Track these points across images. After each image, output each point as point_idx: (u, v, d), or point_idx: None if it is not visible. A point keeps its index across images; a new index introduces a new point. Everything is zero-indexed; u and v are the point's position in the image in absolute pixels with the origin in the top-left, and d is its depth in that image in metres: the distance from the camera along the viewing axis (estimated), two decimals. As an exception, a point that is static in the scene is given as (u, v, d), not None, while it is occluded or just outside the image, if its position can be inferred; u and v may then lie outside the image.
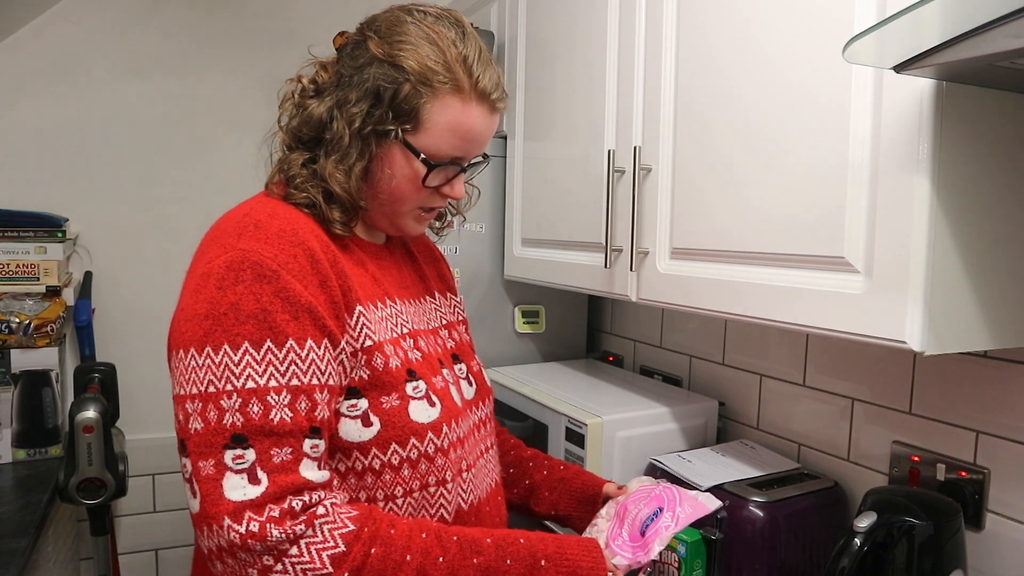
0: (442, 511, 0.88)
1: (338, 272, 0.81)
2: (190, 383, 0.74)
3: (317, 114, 0.85)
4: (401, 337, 0.89)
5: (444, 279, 1.09)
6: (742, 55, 1.03)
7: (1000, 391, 1.05)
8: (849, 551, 0.95)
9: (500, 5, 1.74)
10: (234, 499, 0.70)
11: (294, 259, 0.77)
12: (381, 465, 0.83)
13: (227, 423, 0.72)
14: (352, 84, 0.84)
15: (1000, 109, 0.84)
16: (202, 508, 0.71)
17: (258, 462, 0.72)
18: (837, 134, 0.89)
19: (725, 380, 1.54)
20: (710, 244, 1.10)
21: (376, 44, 0.83)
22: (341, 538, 0.72)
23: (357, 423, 0.81)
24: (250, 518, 0.70)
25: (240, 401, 0.72)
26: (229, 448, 0.71)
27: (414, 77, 0.82)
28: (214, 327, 0.74)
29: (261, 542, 0.69)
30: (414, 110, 0.83)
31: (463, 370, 0.99)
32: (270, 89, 0.96)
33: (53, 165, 1.93)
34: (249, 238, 0.78)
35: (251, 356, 0.73)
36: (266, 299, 0.74)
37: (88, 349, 1.88)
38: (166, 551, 2.09)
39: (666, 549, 1.15)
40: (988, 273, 0.85)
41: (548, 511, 1.10)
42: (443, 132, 0.84)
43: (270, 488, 0.71)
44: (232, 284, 0.75)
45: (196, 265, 0.80)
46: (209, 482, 0.71)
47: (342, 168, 0.84)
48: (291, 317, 0.75)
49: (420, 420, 0.85)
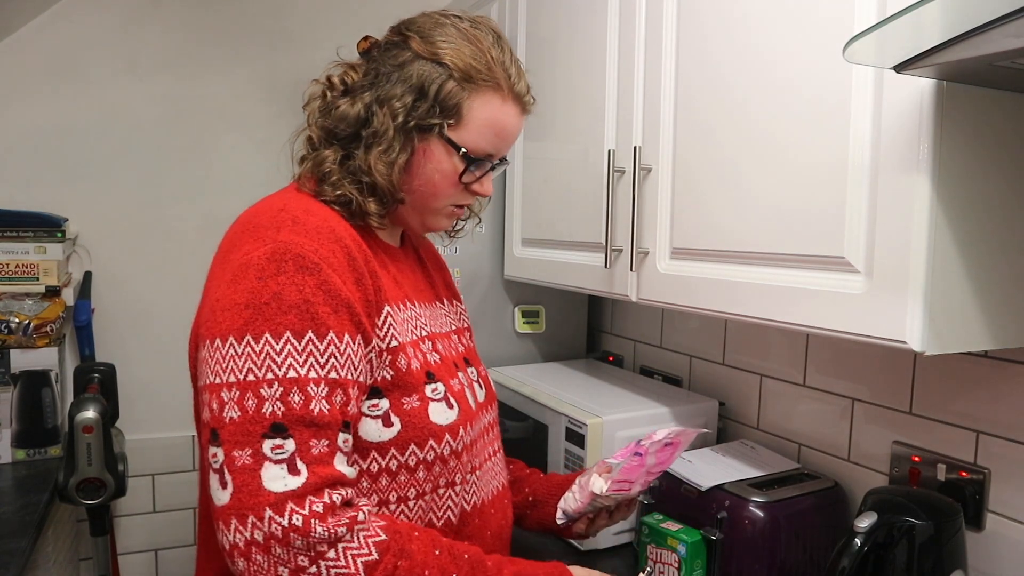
0: (448, 512, 0.88)
1: (371, 271, 0.82)
2: (227, 371, 0.73)
3: (354, 111, 0.86)
4: (420, 340, 0.90)
5: (449, 287, 1.11)
6: (742, 55, 1.03)
7: (1001, 391, 1.05)
8: (849, 551, 0.94)
9: (500, 5, 1.74)
10: (275, 490, 0.69)
11: (333, 254, 0.78)
12: (398, 466, 0.83)
13: (266, 412, 0.71)
14: (394, 80, 0.86)
15: (1000, 109, 0.84)
16: (235, 499, 0.69)
17: (297, 452, 0.71)
18: (837, 134, 0.89)
19: (725, 380, 1.54)
20: (710, 244, 1.10)
21: (418, 43, 0.86)
22: (375, 546, 0.73)
23: (378, 423, 0.82)
24: (292, 510, 0.69)
25: (281, 390, 0.72)
26: (268, 437, 0.71)
27: (458, 74, 0.85)
28: (255, 316, 0.73)
29: (304, 537, 0.69)
30: (457, 105, 0.86)
31: (474, 374, 1.00)
32: (270, 89, 0.96)
33: (52, 165, 1.93)
34: (288, 231, 0.78)
35: (292, 346, 0.73)
36: (309, 290, 0.75)
37: (88, 349, 1.88)
38: (166, 551, 2.09)
39: (666, 549, 1.15)
40: (989, 273, 0.85)
41: (524, 499, 1.12)
42: (482, 128, 0.88)
43: (310, 479, 0.71)
44: (274, 275, 0.75)
45: (229, 257, 0.79)
46: (245, 472, 0.70)
47: (385, 160, 0.85)
48: (331, 310, 0.76)
49: (439, 422, 0.85)
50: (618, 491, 1.01)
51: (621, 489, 1.02)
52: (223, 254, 0.81)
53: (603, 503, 1.05)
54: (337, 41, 0.99)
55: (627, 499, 1.08)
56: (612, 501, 1.06)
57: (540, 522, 1.11)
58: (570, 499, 1.05)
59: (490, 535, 0.95)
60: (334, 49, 0.96)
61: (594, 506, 1.05)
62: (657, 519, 1.18)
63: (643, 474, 1.03)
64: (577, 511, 1.04)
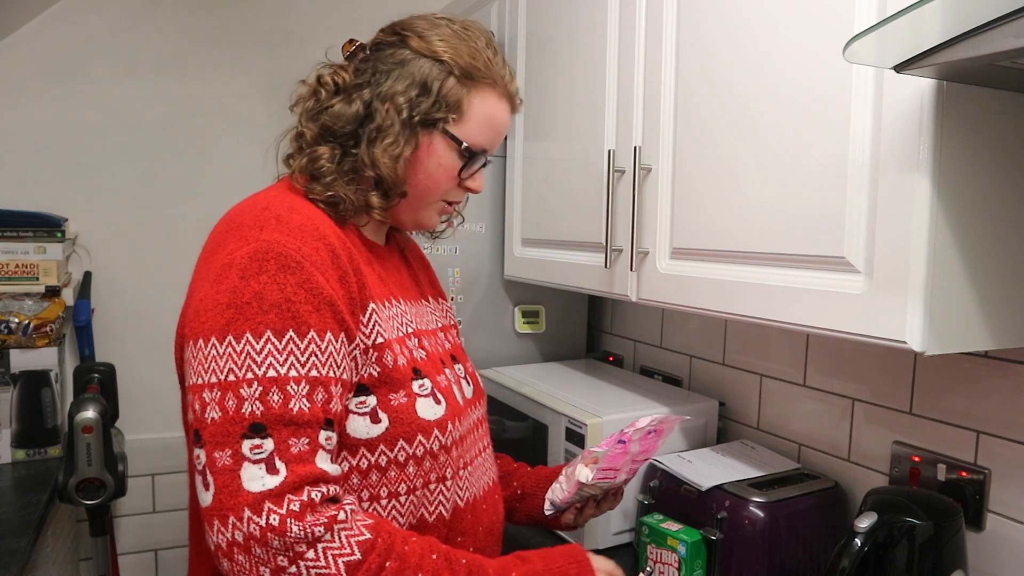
0: (440, 508, 0.88)
1: (355, 268, 0.83)
2: (209, 372, 0.73)
3: (352, 109, 0.88)
4: (407, 336, 0.90)
5: (434, 284, 1.12)
6: (742, 54, 1.03)
7: (1001, 391, 1.05)
8: (849, 551, 0.94)
9: (500, 5, 1.74)
10: (253, 490, 0.69)
11: (316, 252, 0.78)
12: (387, 462, 0.83)
13: (246, 412, 0.71)
14: (394, 77, 0.88)
15: (1001, 109, 0.84)
16: (216, 500, 0.70)
17: (276, 452, 0.71)
18: (837, 134, 0.89)
19: (725, 380, 1.54)
20: (710, 244, 1.10)
21: (418, 42, 0.89)
22: (358, 546, 0.72)
23: (365, 420, 0.82)
24: (270, 510, 0.69)
25: (260, 390, 0.72)
26: (247, 437, 0.71)
27: (458, 71, 0.88)
28: (237, 316, 0.73)
29: (280, 537, 0.69)
30: (458, 101, 0.89)
31: (461, 370, 1.01)
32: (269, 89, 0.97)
33: (52, 165, 1.93)
34: (272, 230, 0.78)
35: (273, 345, 0.73)
36: (290, 289, 0.75)
37: (87, 349, 1.88)
38: (165, 551, 2.09)
39: (666, 549, 1.15)
40: (989, 273, 0.85)
41: (513, 492, 1.13)
42: (480, 123, 0.91)
43: (289, 478, 0.71)
44: (256, 274, 0.75)
45: (213, 256, 0.80)
46: (226, 473, 0.70)
47: (391, 153, 0.87)
48: (313, 309, 0.76)
49: (427, 417, 0.86)
50: (604, 479, 1.03)
51: (607, 477, 1.03)
52: (208, 253, 0.82)
53: (590, 492, 1.06)
54: (338, 42, 0.99)
55: (613, 487, 1.10)
56: (599, 490, 1.07)
57: (529, 514, 1.12)
58: (557, 490, 1.06)
59: (482, 531, 0.95)
60: (331, 48, 0.97)
61: (581, 495, 1.06)
62: (657, 519, 1.18)
63: (628, 462, 1.04)
64: (565, 501, 1.06)
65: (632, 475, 1.09)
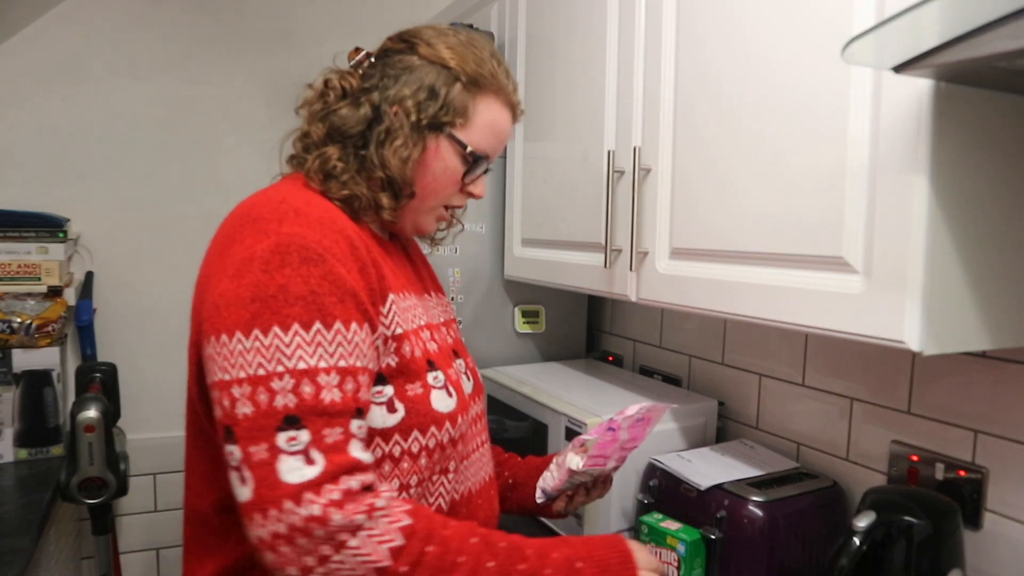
0: (440, 500, 0.90)
1: (373, 260, 0.84)
2: (236, 367, 0.73)
3: (361, 112, 0.90)
4: (420, 328, 0.92)
5: (434, 279, 1.13)
6: (740, 55, 1.03)
7: (999, 391, 1.05)
8: (848, 550, 0.95)
9: (500, 5, 1.75)
10: (292, 481, 0.70)
11: (336, 244, 0.79)
12: (401, 452, 0.84)
13: (279, 405, 0.72)
14: (403, 82, 0.90)
15: (999, 110, 0.84)
16: (256, 494, 0.70)
17: (312, 443, 0.72)
18: (836, 134, 0.89)
19: (724, 380, 1.55)
20: (710, 244, 1.10)
21: (426, 49, 0.91)
22: (400, 531, 0.73)
23: (382, 409, 0.83)
24: (311, 500, 0.69)
25: (292, 382, 0.72)
26: (282, 430, 0.71)
27: (465, 78, 0.91)
28: (262, 309, 0.74)
29: (323, 526, 0.69)
30: (464, 107, 0.91)
31: (462, 365, 1.02)
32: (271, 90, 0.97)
33: (54, 166, 1.93)
34: (291, 223, 0.79)
35: (301, 337, 0.74)
36: (314, 281, 0.76)
37: (89, 349, 1.89)
38: (167, 550, 2.10)
39: (665, 548, 1.15)
40: (987, 273, 0.85)
41: (504, 482, 1.14)
42: (484, 129, 0.93)
43: (327, 468, 0.71)
44: (279, 267, 0.75)
45: (229, 250, 0.79)
46: (263, 467, 0.70)
47: (401, 155, 0.88)
48: (338, 300, 0.77)
49: (441, 409, 0.87)
50: (593, 466, 1.04)
51: (596, 464, 1.04)
52: (222, 247, 0.81)
53: (580, 479, 1.08)
54: (338, 43, 1.00)
55: (603, 475, 1.11)
56: (588, 477, 1.08)
57: (520, 504, 1.13)
58: (548, 478, 1.08)
59: (478, 524, 0.96)
60: (335, 51, 0.98)
61: (571, 483, 1.08)
62: (656, 518, 1.19)
63: (617, 449, 1.05)
64: (555, 488, 1.07)
65: (621, 462, 1.10)
